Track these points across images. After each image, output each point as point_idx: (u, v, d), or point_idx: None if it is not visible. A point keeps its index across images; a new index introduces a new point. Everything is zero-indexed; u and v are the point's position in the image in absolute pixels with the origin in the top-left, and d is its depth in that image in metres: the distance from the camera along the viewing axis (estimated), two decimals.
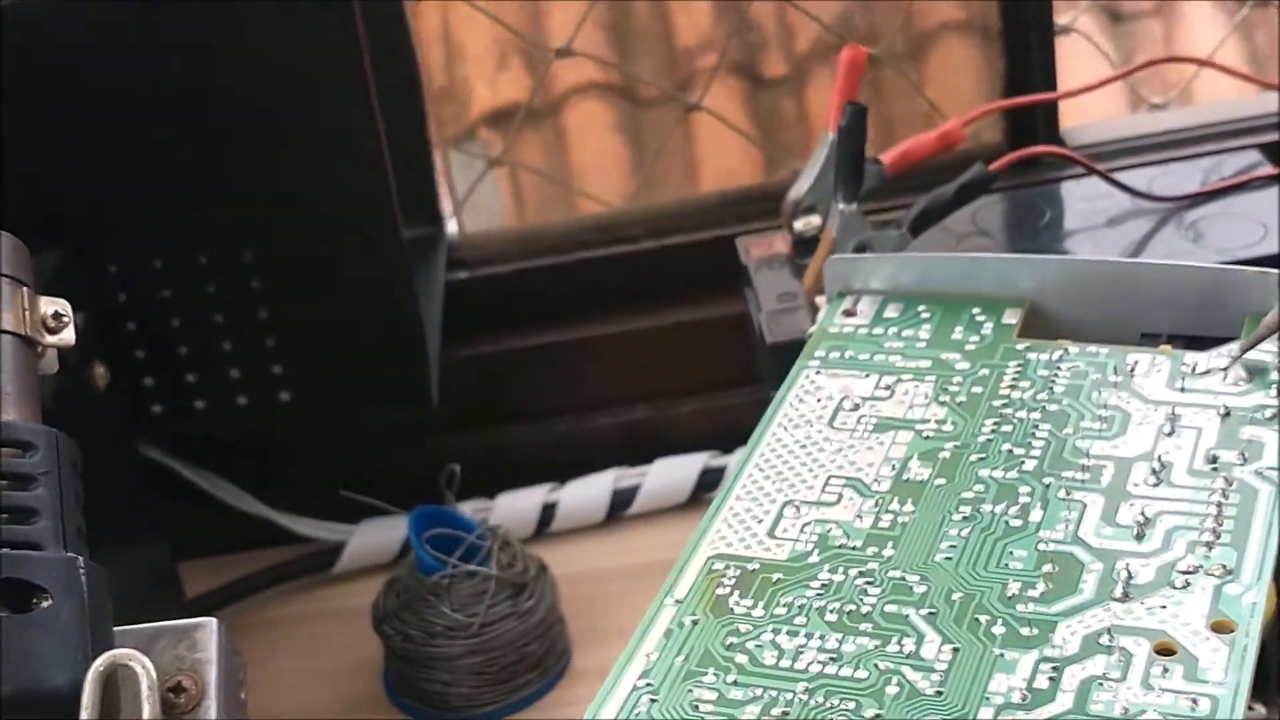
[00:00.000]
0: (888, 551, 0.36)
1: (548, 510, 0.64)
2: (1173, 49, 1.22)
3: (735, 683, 0.33)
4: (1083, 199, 0.60)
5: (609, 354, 0.66)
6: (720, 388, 0.66)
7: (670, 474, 0.65)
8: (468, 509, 0.64)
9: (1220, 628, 0.33)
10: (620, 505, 0.64)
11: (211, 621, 0.33)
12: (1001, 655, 0.33)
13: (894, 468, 0.39)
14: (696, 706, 0.33)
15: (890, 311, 0.44)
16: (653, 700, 0.33)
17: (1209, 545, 0.35)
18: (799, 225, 0.58)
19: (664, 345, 0.66)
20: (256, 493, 0.64)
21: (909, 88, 0.72)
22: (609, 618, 0.60)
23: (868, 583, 0.36)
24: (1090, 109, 0.83)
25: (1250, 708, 0.42)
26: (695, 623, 0.35)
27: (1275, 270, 0.42)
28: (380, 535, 0.63)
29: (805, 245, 0.58)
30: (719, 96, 0.76)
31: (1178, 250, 0.56)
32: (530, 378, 0.66)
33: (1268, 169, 0.59)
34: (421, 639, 0.55)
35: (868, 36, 0.74)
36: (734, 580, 0.36)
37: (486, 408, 0.66)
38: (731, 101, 0.88)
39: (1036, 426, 0.39)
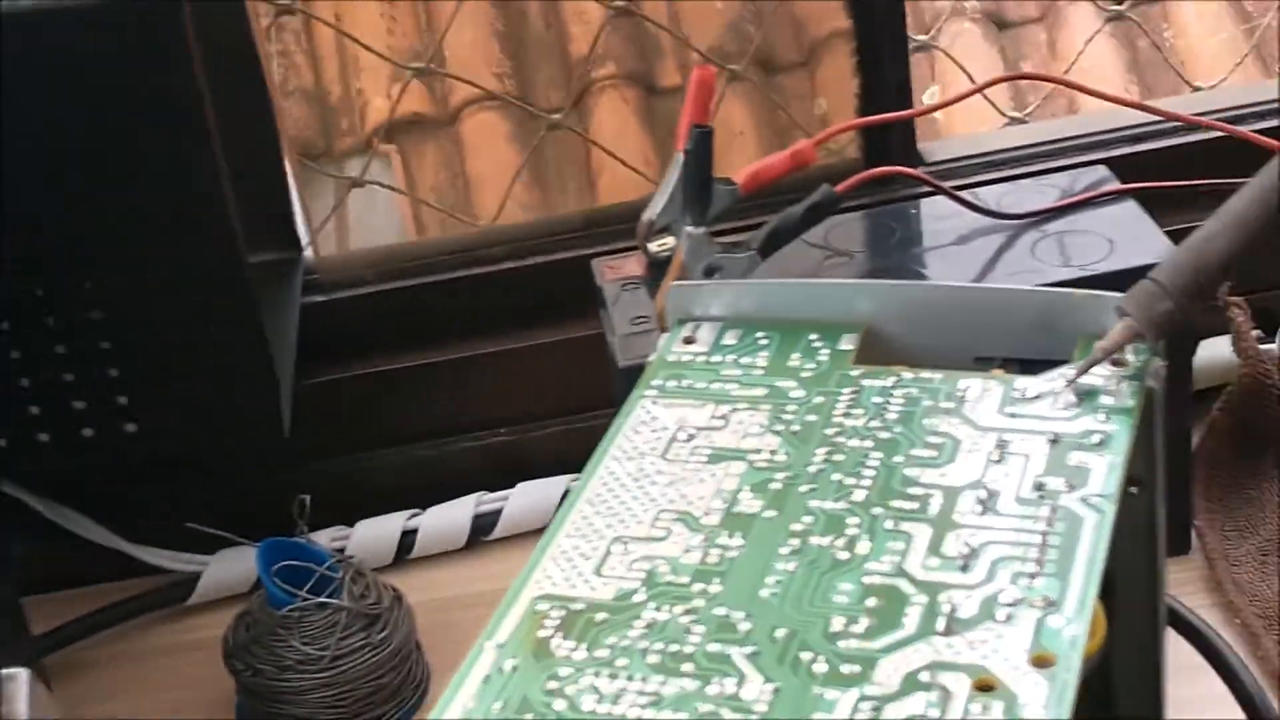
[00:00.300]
0: (714, 588, 0.36)
1: (407, 537, 0.63)
2: (1057, 55, 1.24)
3: None
4: (935, 217, 0.61)
5: (469, 377, 0.66)
6: (582, 409, 0.66)
7: (532, 497, 0.64)
8: (325, 537, 0.63)
9: (1041, 662, 0.33)
10: (482, 530, 0.64)
11: (22, 673, 0.32)
12: (822, 695, 0.33)
13: (725, 500, 0.38)
14: None
15: (729, 338, 0.44)
16: None
17: (1032, 576, 0.35)
18: (653, 247, 0.58)
19: (525, 367, 0.66)
20: (109, 524, 0.63)
21: (803, 94, 0.72)
22: (470, 646, 0.59)
23: (692, 621, 0.35)
24: (977, 117, 0.83)
25: None
26: (515, 668, 0.35)
27: (1107, 293, 0.42)
28: (236, 566, 0.62)
29: (660, 267, 0.57)
30: (613, 106, 0.75)
31: (1024, 268, 0.56)
32: (389, 402, 0.65)
33: (1114, 184, 0.59)
34: (272, 673, 0.54)
35: (760, 44, 0.74)
36: (557, 622, 0.36)
37: (345, 433, 0.65)
38: (627, 111, 0.88)
39: (867, 455, 0.39)
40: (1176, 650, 0.46)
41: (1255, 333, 0.64)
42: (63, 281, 0.55)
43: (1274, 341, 0.66)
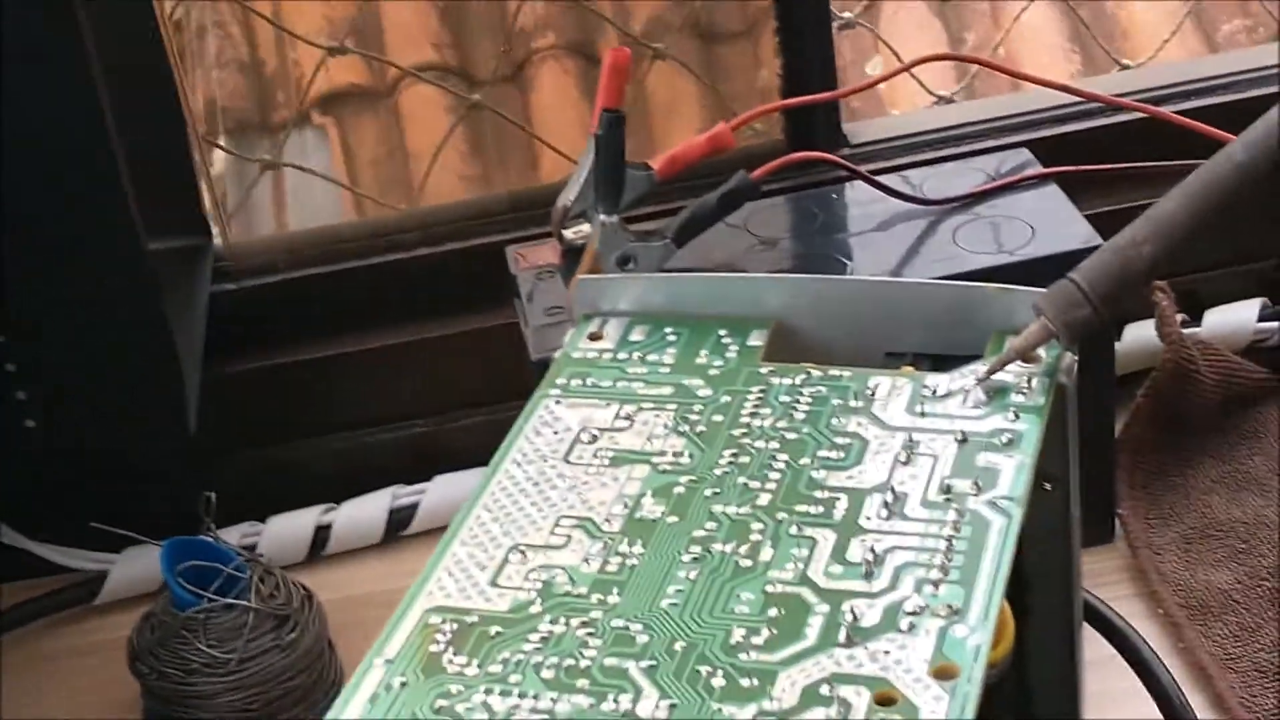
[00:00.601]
0: (613, 598, 0.35)
1: (321, 533, 0.62)
2: (1000, 27, 1.23)
3: None
4: (858, 202, 0.60)
5: (385, 367, 0.64)
6: (502, 400, 0.64)
7: (451, 490, 0.63)
8: (236, 535, 0.61)
9: (943, 673, 0.32)
10: (399, 524, 0.62)
11: None
12: (719, 710, 0.32)
13: (626, 506, 0.37)
14: None
15: (636, 334, 0.43)
16: None
17: (936, 584, 0.34)
18: (569, 234, 0.56)
19: (443, 357, 0.64)
20: (12, 522, 0.61)
21: (747, 65, 0.71)
22: None
23: (589, 634, 0.34)
24: (919, 92, 0.82)
25: None
26: (404, 684, 0.33)
27: (1021, 288, 0.41)
28: (144, 565, 0.60)
29: (576, 254, 0.56)
30: (554, 78, 0.74)
31: (946, 254, 0.55)
32: (302, 394, 0.64)
33: (1036, 169, 0.58)
34: (178, 677, 0.53)
35: (702, 12, 0.73)
36: (449, 636, 0.34)
37: (256, 427, 0.64)
38: (568, 82, 0.86)
39: (774, 457, 0.38)
40: (1094, 645, 0.45)
41: (1180, 317, 0.64)
42: None
43: (1199, 325, 0.65)
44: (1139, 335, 0.64)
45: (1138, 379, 0.62)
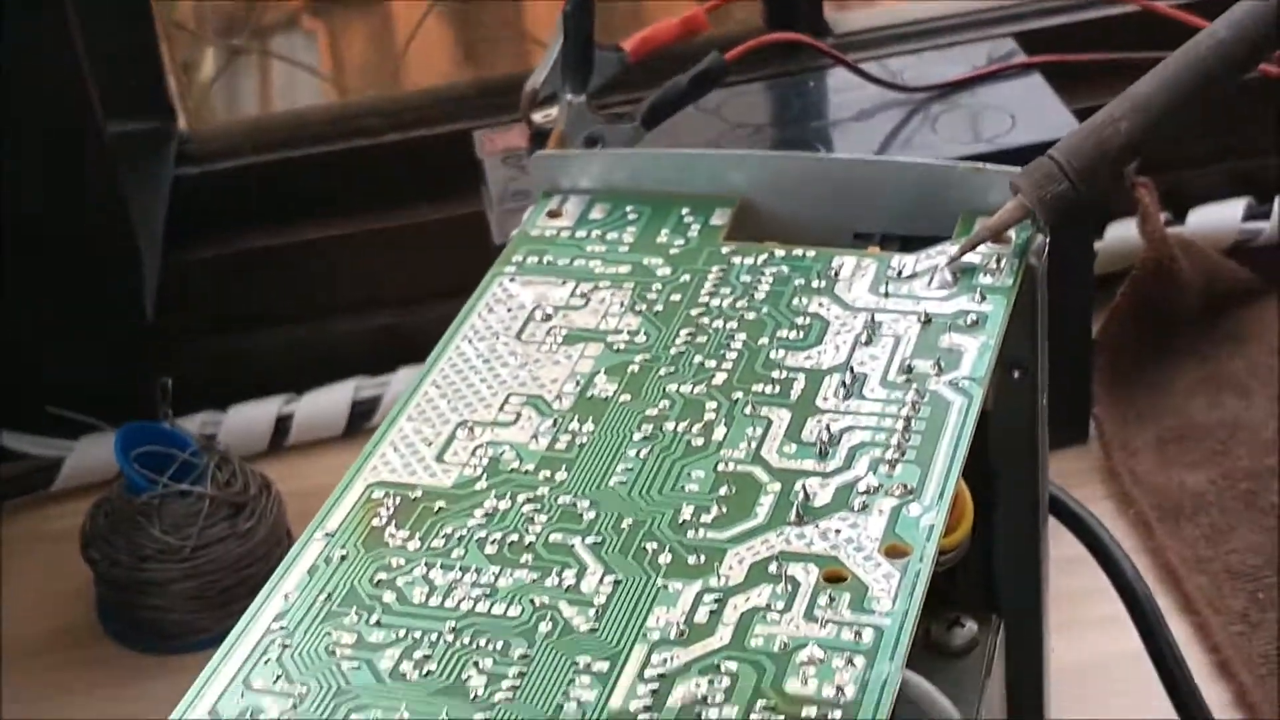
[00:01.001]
0: (560, 475, 0.34)
1: (283, 423, 0.61)
2: None
3: (378, 623, 0.31)
4: (836, 90, 0.58)
5: (350, 255, 0.63)
6: (469, 290, 0.63)
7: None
8: (196, 423, 0.60)
9: (894, 552, 0.31)
10: (361, 416, 0.61)
11: None
12: (664, 587, 0.31)
13: (579, 384, 0.36)
14: (333, 651, 0.30)
15: (596, 212, 0.41)
16: (285, 646, 0.30)
17: (892, 464, 0.33)
18: (538, 117, 0.55)
19: (409, 245, 0.63)
20: None
21: None
22: None
23: (535, 510, 0.33)
24: None
25: (961, 624, 0.41)
26: (344, 558, 0.32)
27: (992, 166, 0.39)
28: (102, 452, 0.59)
29: (543, 139, 0.55)
30: None
31: (923, 142, 0.54)
32: (266, 280, 0.62)
33: (1021, 58, 0.57)
34: (131, 563, 0.52)
35: None
36: (392, 510, 0.33)
37: (219, 313, 0.62)
38: None
39: (732, 337, 0.37)
40: (1064, 544, 0.44)
41: (1164, 215, 0.62)
42: None
43: (1183, 224, 0.64)
44: (1121, 234, 0.62)
45: (1120, 279, 0.61)
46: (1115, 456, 0.56)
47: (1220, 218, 0.63)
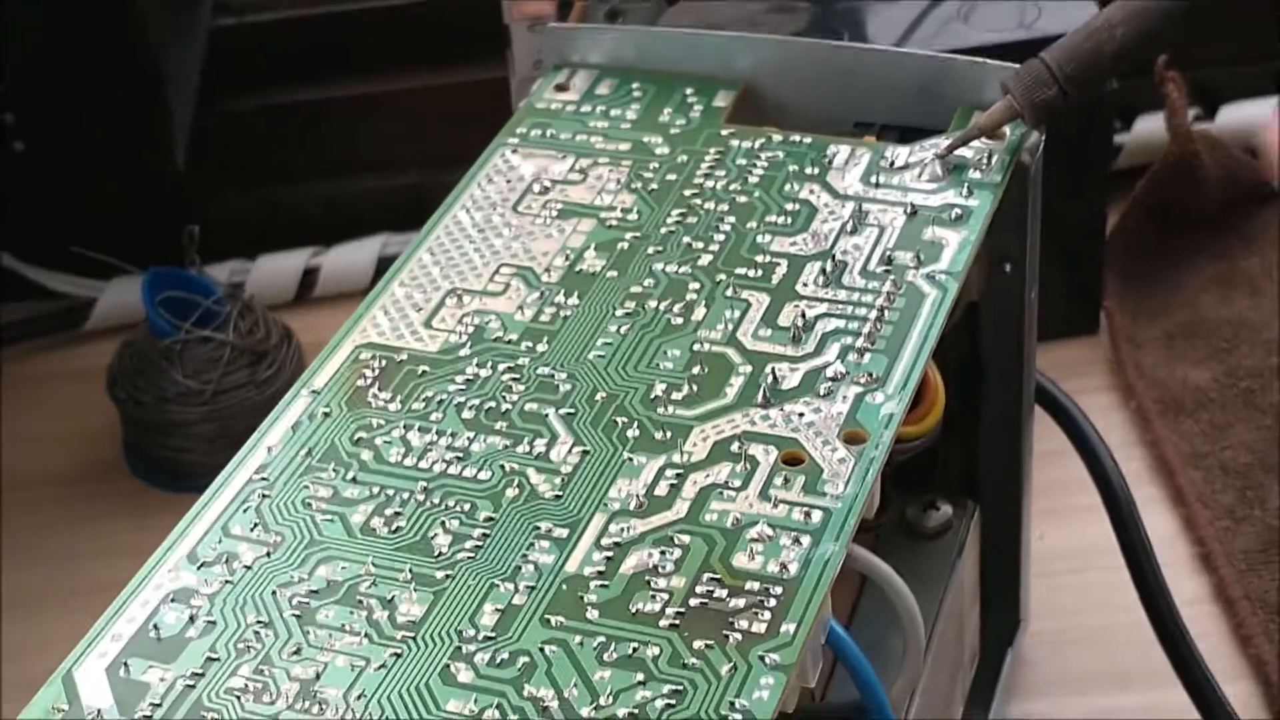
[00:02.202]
0: (541, 347, 0.35)
1: (309, 275, 0.62)
2: None
3: (354, 480, 0.32)
4: None
5: (381, 113, 0.64)
6: None
7: None
8: (225, 271, 0.62)
9: (852, 438, 0.32)
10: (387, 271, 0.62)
11: None
12: (630, 460, 0.32)
13: (568, 258, 0.37)
14: (309, 504, 0.32)
15: (603, 88, 0.42)
16: (265, 496, 0.32)
17: (861, 352, 0.34)
18: None
19: (439, 106, 0.64)
20: (7, 246, 0.61)
21: None
22: None
23: (514, 379, 0.34)
24: None
25: (936, 507, 0.42)
26: (327, 415, 0.34)
27: (991, 62, 0.40)
28: (133, 294, 0.61)
29: (570, 8, 0.55)
30: None
31: (945, 30, 0.54)
32: (299, 135, 0.63)
33: None
34: (153, 404, 0.54)
35: None
36: (377, 371, 0.35)
37: (252, 165, 0.63)
38: None
39: (721, 219, 0.38)
40: (1053, 435, 0.45)
41: (1193, 111, 0.62)
42: None
43: (1212, 120, 0.64)
44: (1150, 127, 0.62)
45: (1145, 173, 0.61)
46: (1122, 349, 0.57)
47: (1248, 116, 0.62)
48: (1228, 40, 0.61)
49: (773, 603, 0.29)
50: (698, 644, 0.28)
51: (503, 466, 0.32)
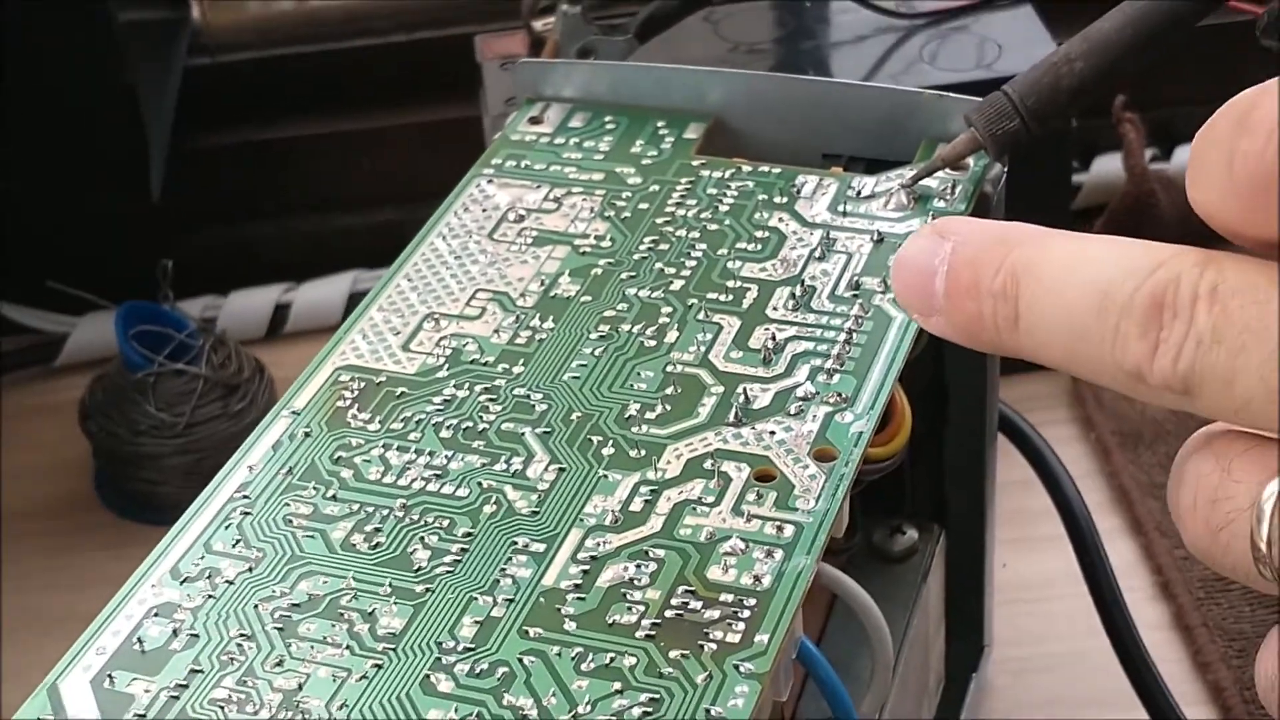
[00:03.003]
0: (518, 369, 0.36)
1: (281, 310, 0.63)
2: None
3: (334, 497, 0.33)
4: (835, 11, 0.59)
5: (355, 151, 0.64)
6: None
7: None
8: (198, 307, 0.62)
9: (822, 455, 0.33)
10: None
11: None
12: (605, 477, 0.33)
13: (543, 283, 0.38)
14: (290, 520, 0.32)
15: (576, 121, 0.43)
16: (246, 513, 0.33)
17: (830, 373, 0.34)
18: (537, 25, 0.56)
19: (412, 145, 0.65)
20: None
21: None
22: None
23: (490, 399, 0.35)
24: None
25: (902, 531, 0.43)
26: (308, 435, 0.34)
27: (954, 95, 0.41)
28: (105, 330, 0.61)
29: (541, 47, 0.56)
30: None
31: (908, 70, 0.55)
32: (272, 172, 0.64)
33: None
34: (126, 437, 0.54)
35: None
36: (356, 393, 0.35)
37: (226, 201, 0.64)
38: None
39: (693, 246, 0.38)
40: (1018, 465, 0.46)
41: (1150, 151, 0.63)
42: None
43: (1168, 161, 0.65)
44: (1107, 167, 0.64)
45: (1101, 213, 0.62)
46: (1082, 382, 0.58)
47: None
48: (1185, 81, 0.63)
49: (746, 614, 0.30)
50: (673, 653, 0.29)
51: (480, 484, 0.33)
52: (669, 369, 0.35)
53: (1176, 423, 0.55)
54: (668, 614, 0.30)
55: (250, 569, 0.31)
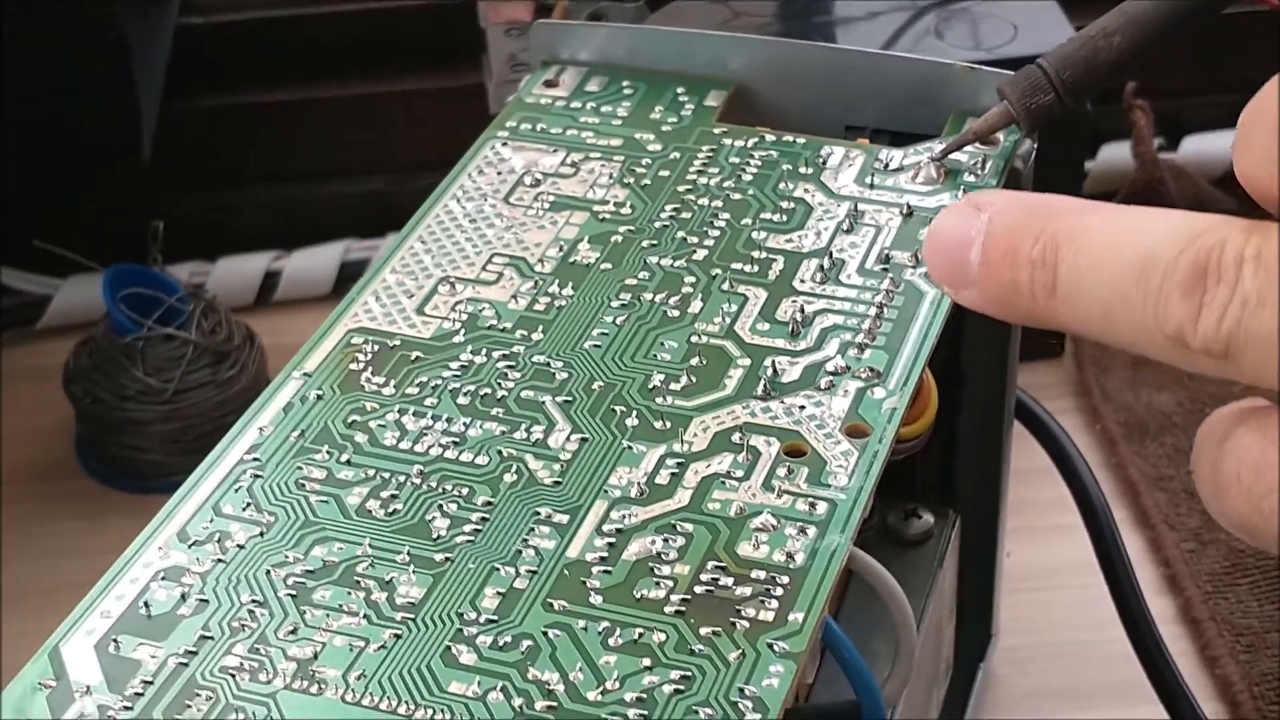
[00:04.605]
0: (537, 335, 0.34)
1: (271, 278, 0.61)
2: None
3: (348, 462, 0.31)
4: None
5: (350, 117, 0.63)
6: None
7: None
8: (185, 271, 0.61)
9: (855, 432, 0.32)
10: (349, 278, 0.61)
11: None
12: (629, 448, 0.32)
13: (561, 249, 0.37)
14: (302, 485, 0.31)
15: (592, 85, 0.42)
16: (256, 476, 0.31)
17: (862, 348, 0.33)
18: None
19: (409, 112, 0.63)
20: None
21: None
22: None
23: (509, 366, 0.34)
24: None
25: (918, 515, 0.42)
26: (320, 398, 0.33)
27: (986, 68, 0.40)
28: (89, 292, 0.59)
29: (547, 13, 0.55)
30: None
31: (923, 46, 0.54)
32: (264, 136, 0.63)
33: None
34: (112, 402, 0.52)
35: None
36: (370, 356, 0.34)
37: (216, 164, 0.62)
38: None
39: (716, 215, 0.37)
40: (1031, 453, 0.45)
41: (1157, 140, 0.63)
42: None
43: (1175, 151, 0.64)
44: (1114, 155, 0.63)
45: (1110, 200, 0.61)
46: (1088, 372, 0.57)
47: (1213, 147, 0.63)
48: (1194, 73, 0.62)
49: (779, 591, 0.29)
50: (705, 630, 0.28)
51: (500, 452, 0.32)
52: (693, 339, 0.34)
53: (1183, 415, 0.55)
54: (697, 590, 0.29)
55: (261, 533, 0.30)
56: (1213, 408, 0.59)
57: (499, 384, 0.33)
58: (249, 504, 0.31)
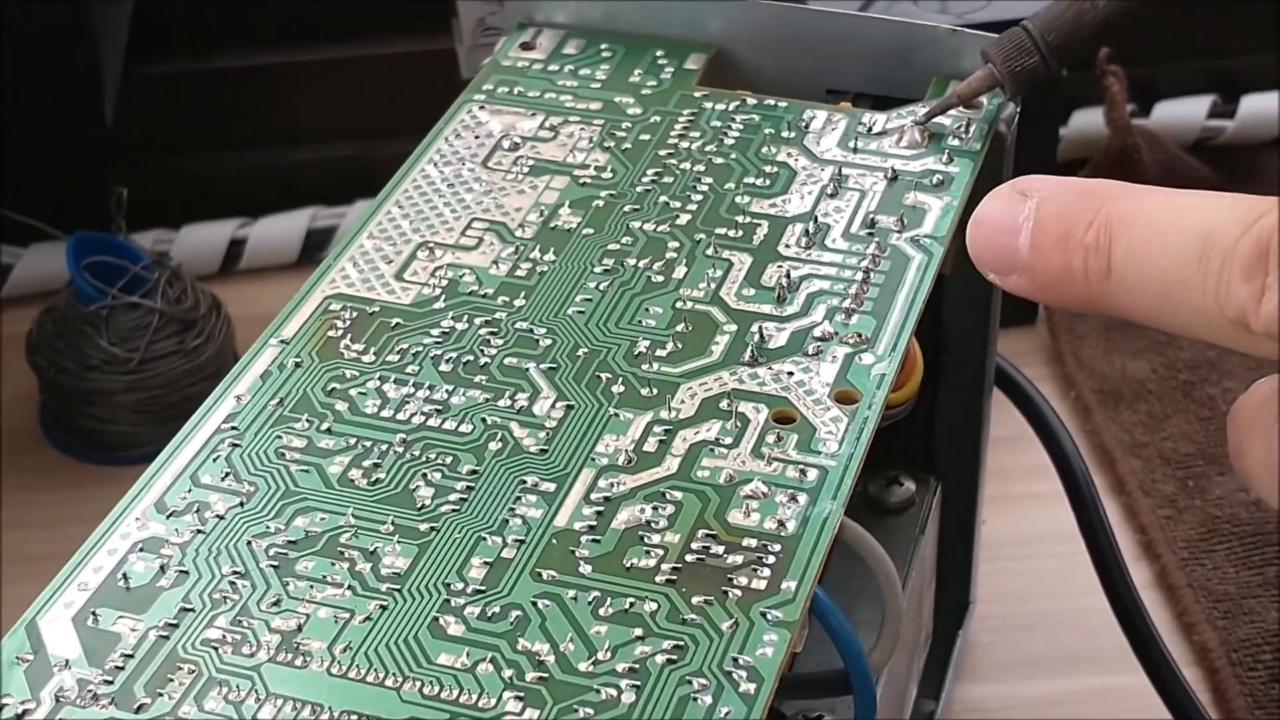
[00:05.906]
0: (519, 301, 0.34)
1: (235, 246, 0.60)
2: None
3: (329, 431, 0.31)
4: None
5: (316, 83, 0.62)
6: (432, 128, 0.62)
7: None
8: (149, 239, 0.59)
9: (844, 398, 0.31)
10: (315, 246, 0.61)
11: None
12: (615, 415, 0.31)
13: (542, 214, 0.36)
14: (282, 454, 0.30)
15: (570, 48, 0.41)
16: (235, 445, 0.31)
17: (849, 313, 0.33)
18: None
19: (377, 77, 0.62)
20: None
21: None
22: None
23: (491, 333, 0.33)
24: None
25: (899, 482, 0.42)
26: (298, 365, 0.32)
27: (970, 30, 0.39)
28: (52, 260, 0.58)
29: None
30: None
31: (900, 11, 0.53)
32: (229, 102, 0.61)
33: None
34: (76, 371, 0.52)
35: None
36: (348, 323, 0.33)
37: (180, 130, 0.61)
38: None
39: (698, 179, 0.37)
40: (1009, 420, 0.45)
41: (1130, 106, 0.62)
42: None
43: (1147, 117, 0.64)
44: (1087, 121, 0.62)
45: (1083, 166, 0.61)
46: (1061, 339, 0.57)
47: (1185, 113, 0.63)
48: (1167, 39, 0.62)
49: (772, 560, 0.28)
50: (696, 599, 0.27)
51: (484, 420, 0.31)
52: (678, 305, 0.34)
53: (1158, 382, 0.55)
54: (688, 558, 0.28)
55: (241, 504, 0.29)
56: (1188, 375, 0.59)
57: (481, 351, 0.33)
58: (228, 473, 0.30)
